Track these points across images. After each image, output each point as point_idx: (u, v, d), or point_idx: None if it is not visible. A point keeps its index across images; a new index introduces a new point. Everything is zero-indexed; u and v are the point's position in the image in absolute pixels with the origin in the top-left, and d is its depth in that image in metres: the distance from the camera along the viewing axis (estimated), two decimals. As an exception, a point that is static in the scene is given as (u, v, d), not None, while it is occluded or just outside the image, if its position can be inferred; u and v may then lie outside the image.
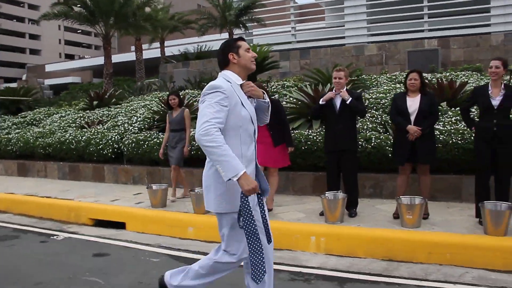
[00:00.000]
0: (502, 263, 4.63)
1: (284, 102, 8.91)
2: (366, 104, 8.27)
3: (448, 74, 10.79)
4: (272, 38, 23.97)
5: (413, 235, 5.13)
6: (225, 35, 25.10)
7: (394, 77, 10.81)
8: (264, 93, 3.21)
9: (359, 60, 14.51)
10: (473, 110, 6.40)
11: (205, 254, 5.37)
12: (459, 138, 6.49)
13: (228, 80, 3.02)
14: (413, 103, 5.56)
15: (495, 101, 5.23)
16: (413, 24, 18.18)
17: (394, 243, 5.06)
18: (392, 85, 9.69)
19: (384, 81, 10.42)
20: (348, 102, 5.76)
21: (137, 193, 8.32)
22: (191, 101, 10.63)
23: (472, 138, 6.01)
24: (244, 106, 3.00)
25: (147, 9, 22.90)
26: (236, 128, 2.95)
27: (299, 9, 49.04)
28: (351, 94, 5.87)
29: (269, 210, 6.51)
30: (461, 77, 10.14)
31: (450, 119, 7.08)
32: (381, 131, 7.38)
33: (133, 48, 35.15)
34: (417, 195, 5.69)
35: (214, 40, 26.53)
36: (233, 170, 2.72)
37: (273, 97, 7.99)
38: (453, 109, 7.53)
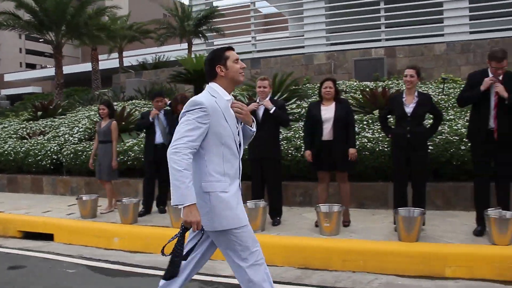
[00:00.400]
0: (412, 268, 4.69)
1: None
2: (301, 112, 8.34)
3: (390, 82, 10.97)
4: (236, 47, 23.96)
5: (329, 242, 5.16)
6: (185, 45, 25.04)
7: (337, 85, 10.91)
8: (253, 121, 3.10)
9: (309, 69, 14.66)
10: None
11: (124, 264, 5.33)
12: (386, 146, 6.57)
13: (213, 94, 2.88)
14: (327, 112, 5.61)
15: (409, 109, 5.34)
16: (370, 34, 18.43)
17: (311, 251, 5.08)
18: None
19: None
20: (271, 111, 5.78)
21: (71, 204, 8.16)
22: (134, 111, 10.52)
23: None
24: (227, 122, 2.87)
25: (105, 18, 22.70)
26: (218, 145, 2.84)
27: (264, 18, 49.52)
28: (274, 103, 5.90)
29: None
30: (401, 85, 10.33)
31: (379, 126, 7.18)
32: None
33: (102, 57, 34.77)
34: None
35: (174, 50, 26.42)
36: (180, 199, 2.67)
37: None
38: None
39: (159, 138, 6.98)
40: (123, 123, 9.63)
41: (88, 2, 16.34)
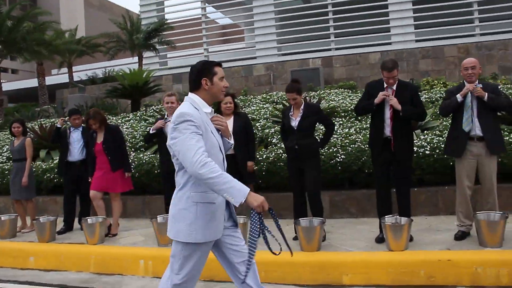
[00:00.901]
0: (311, 277, 4.77)
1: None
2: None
3: (322, 92, 11.21)
4: (185, 60, 23.85)
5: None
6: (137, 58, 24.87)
7: (268, 97, 11.11)
8: (231, 135, 3.16)
9: (248, 80, 14.83)
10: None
11: (32, 283, 5.28)
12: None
13: (195, 107, 2.89)
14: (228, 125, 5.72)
15: (294, 122, 5.50)
16: (321, 44, 18.69)
17: (215, 263, 5.11)
18: (261, 105, 9.92)
19: (258, 101, 10.67)
20: None
21: (-6, 225, 7.96)
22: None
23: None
24: (213, 133, 2.92)
25: (50, 33, 22.35)
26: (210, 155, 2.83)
27: (221, 29, 49.57)
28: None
29: (114, 235, 6.45)
30: (332, 94, 10.55)
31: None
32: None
33: (54, 71, 34.06)
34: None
35: (125, 64, 26.19)
36: (241, 193, 2.68)
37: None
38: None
39: (77, 155, 6.95)
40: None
41: (24, 18, 16.06)
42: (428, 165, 6.39)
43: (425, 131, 7.24)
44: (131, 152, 8.29)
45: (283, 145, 6.96)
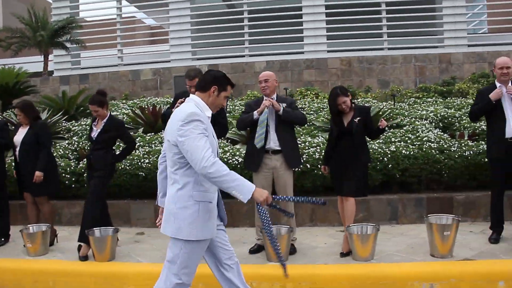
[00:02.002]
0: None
1: None
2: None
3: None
4: (100, 60, 22.94)
5: (20, 264, 5.03)
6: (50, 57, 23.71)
7: (138, 102, 10.95)
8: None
9: (136, 85, 14.59)
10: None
11: None
12: (128, 164, 6.57)
13: (199, 108, 3.04)
14: (19, 135, 5.62)
15: (94, 133, 5.49)
16: (235, 49, 18.60)
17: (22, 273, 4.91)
18: (123, 111, 9.74)
19: (124, 107, 10.47)
20: None
21: None
22: None
23: (139, 164, 6.61)
24: (213, 136, 3.07)
25: None
26: None
27: (149, 29, 48.64)
28: None
29: None
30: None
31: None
32: (72, 157, 7.26)
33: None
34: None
35: (30, 62, 25.01)
36: (248, 190, 2.86)
37: None
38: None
39: None
40: None
41: None
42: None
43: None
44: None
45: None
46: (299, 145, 6.57)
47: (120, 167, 6.59)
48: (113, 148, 5.74)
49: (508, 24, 16.90)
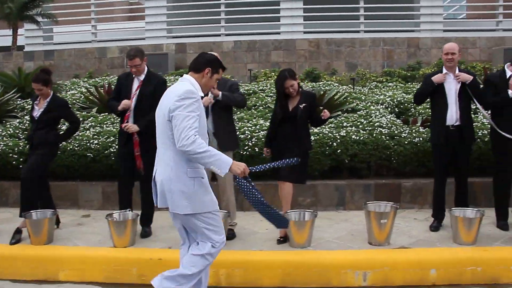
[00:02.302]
0: (29, 273, 4.60)
1: None
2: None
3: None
4: (72, 36, 22.25)
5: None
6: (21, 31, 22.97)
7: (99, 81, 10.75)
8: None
9: (102, 62, 14.28)
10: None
11: None
12: (76, 145, 6.44)
13: (194, 87, 3.25)
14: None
15: (36, 113, 5.34)
16: (211, 28, 18.21)
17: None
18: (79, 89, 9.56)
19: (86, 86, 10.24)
20: None
21: None
22: None
23: (88, 145, 6.52)
24: (204, 116, 3.30)
25: None
26: (199, 135, 3.14)
27: (129, 5, 47.59)
28: None
29: None
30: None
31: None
32: (22, 137, 7.08)
33: None
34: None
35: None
36: (226, 164, 3.12)
37: None
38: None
39: None
40: None
41: None
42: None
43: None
44: None
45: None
46: (251, 128, 6.52)
47: (68, 148, 6.46)
48: (57, 127, 5.60)
49: (487, 10, 16.92)
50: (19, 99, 8.97)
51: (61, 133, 5.72)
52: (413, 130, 6.46)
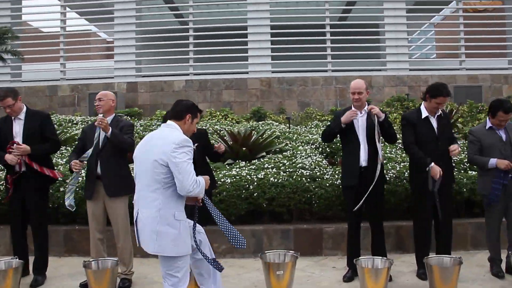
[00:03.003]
0: None
1: None
2: None
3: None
4: (42, 74, 21.63)
5: None
6: None
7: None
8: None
9: (53, 100, 13.94)
10: None
11: None
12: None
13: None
14: None
15: None
16: (181, 67, 17.86)
17: None
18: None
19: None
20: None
21: None
22: None
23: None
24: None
25: None
26: None
27: (106, 43, 47.25)
28: None
29: None
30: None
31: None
32: None
33: None
34: None
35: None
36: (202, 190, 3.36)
37: None
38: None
39: None
40: None
41: None
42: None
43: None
44: None
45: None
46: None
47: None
48: None
49: (455, 50, 16.99)
50: None
51: None
52: (337, 171, 6.12)
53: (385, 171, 6.00)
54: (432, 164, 4.62)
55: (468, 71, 13.84)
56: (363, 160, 4.81)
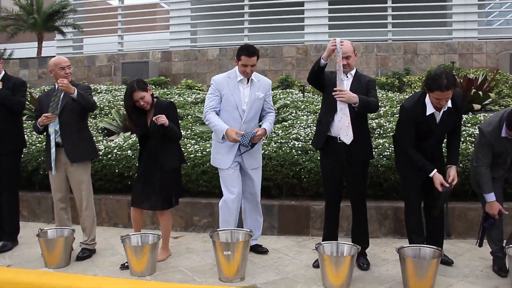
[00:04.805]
0: None
1: None
2: None
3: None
4: (101, 46, 22.30)
5: None
6: (49, 42, 23.33)
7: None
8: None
9: (91, 70, 14.00)
10: None
11: None
12: None
13: (229, 75, 4.43)
14: None
15: None
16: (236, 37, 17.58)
17: None
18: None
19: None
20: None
21: None
22: None
23: None
24: (232, 96, 4.39)
25: None
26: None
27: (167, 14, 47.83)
28: None
29: None
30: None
31: None
32: None
33: None
34: None
35: (25, 48, 24.74)
36: (220, 132, 4.29)
37: None
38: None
39: None
40: None
41: None
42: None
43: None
44: None
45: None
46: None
47: None
48: None
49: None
50: None
51: None
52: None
53: (386, 145, 5.37)
54: (435, 171, 3.95)
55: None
56: (336, 128, 4.16)
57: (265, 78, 4.67)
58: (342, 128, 4.00)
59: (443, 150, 4.30)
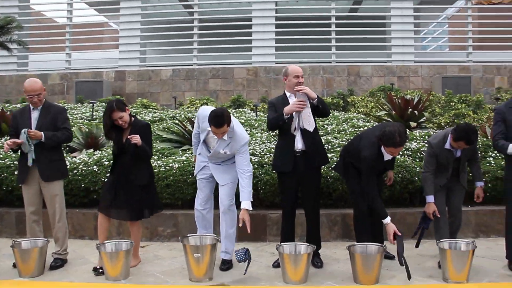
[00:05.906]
0: None
1: None
2: None
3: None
4: (48, 63, 21.83)
5: None
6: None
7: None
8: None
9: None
10: None
11: None
12: None
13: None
14: None
15: None
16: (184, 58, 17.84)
17: None
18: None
19: None
20: None
21: None
22: None
23: None
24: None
25: None
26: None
27: (116, 33, 47.26)
28: None
29: None
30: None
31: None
32: None
33: None
34: None
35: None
36: None
37: None
38: None
39: None
40: None
41: None
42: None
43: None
44: None
45: None
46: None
47: None
48: None
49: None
50: None
51: None
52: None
53: (334, 159, 5.95)
54: (388, 219, 4.50)
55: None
56: (298, 144, 4.72)
57: (241, 135, 4.59)
58: (305, 118, 4.58)
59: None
